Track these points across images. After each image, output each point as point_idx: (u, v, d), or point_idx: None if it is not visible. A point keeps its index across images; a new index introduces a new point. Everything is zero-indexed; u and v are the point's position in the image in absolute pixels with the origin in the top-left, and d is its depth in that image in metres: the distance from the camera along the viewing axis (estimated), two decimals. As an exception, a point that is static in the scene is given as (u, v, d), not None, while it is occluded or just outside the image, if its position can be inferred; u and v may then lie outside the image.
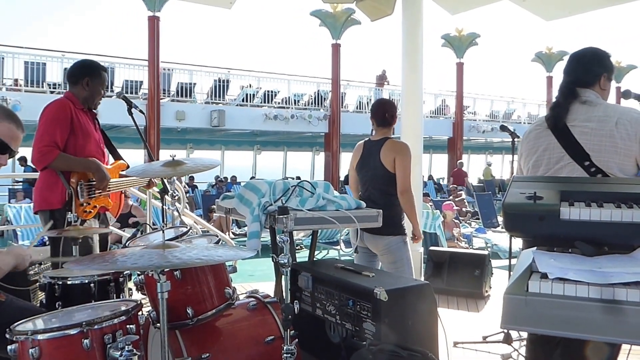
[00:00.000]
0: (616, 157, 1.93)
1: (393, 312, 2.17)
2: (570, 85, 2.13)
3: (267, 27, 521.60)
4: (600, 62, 2.18)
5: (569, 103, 2.08)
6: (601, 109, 2.03)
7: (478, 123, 22.68)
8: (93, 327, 1.75)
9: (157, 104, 15.24)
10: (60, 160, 2.93)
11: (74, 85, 3.15)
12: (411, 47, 5.38)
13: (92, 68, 3.21)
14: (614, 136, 1.94)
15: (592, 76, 2.15)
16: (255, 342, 2.26)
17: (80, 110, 3.12)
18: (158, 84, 15.34)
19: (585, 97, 2.09)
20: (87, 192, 2.98)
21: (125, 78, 15.70)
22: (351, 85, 20.52)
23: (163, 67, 15.97)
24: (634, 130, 1.93)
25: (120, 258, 1.87)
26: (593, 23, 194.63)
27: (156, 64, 15.27)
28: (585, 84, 2.12)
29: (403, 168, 3.30)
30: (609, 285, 1.26)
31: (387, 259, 3.35)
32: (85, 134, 3.06)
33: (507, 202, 1.66)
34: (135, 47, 20.13)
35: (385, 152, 3.35)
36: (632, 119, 1.96)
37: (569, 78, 2.16)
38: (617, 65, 24.78)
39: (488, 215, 11.22)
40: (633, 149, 1.93)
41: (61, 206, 2.93)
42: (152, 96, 15.20)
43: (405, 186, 3.30)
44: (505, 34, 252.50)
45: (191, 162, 2.34)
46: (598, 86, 2.14)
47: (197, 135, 20.46)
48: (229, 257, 1.99)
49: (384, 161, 3.34)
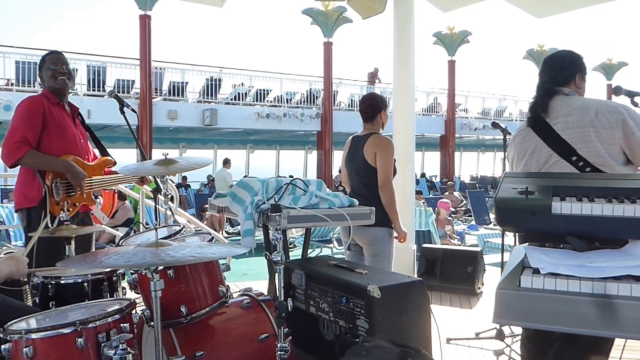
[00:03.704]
0: (601, 145, 1.96)
1: (386, 309, 2.17)
2: (547, 85, 2.16)
3: (258, 25, 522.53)
4: (573, 62, 2.23)
5: (548, 99, 2.11)
6: (579, 101, 2.07)
7: (470, 121, 22.76)
8: (87, 326, 1.75)
9: (149, 103, 15.17)
10: (29, 158, 2.88)
11: (42, 82, 3.15)
12: (403, 45, 5.38)
13: (40, 60, 3.17)
14: (595, 125, 1.97)
15: (568, 74, 2.19)
16: (249, 340, 2.27)
17: (57, 106, 3.06)
18: (150, 83, 15.26)
19: (564, 91, 2.12)
20: (64, 191, 2.94)
21: (117, 77, 15.60)
22: (343, 83, 20.51)
23: (155, 66, 15.88)
24: (614, 118, 1.97)
25: (113, 256, 1.87)
26: (584, 20, 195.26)
27: (148, 63, 15.19)
28: (561, 82, 2.17)
29: (383, 162, 3.33)
30: (601, 279, 1.27)
31: (371, 250, 3.36)
32: (60, 130, 3.01)
33: (499, 197, 1.67)
34: (127, 46, 20.05)
35: (367, 147, 3.39)
36: (611, 108, 2.00)
37: (545, 78, 2.20)
38: (608, 62, 24.95)
39: (480, 212, 11.28)
40: (616, 137, 1.96)
41: (37, 204, 2.90)
42: (144, 95, 15.13)
43: (385, 180, 3.32)
44: (496, 32, 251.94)
45: (184, 161, 2.34)
46: (573, 84, 2.19)
47: (189, 135, 20.40)
48: (222, 254, 1.99)
49: (366, 156, 3.38)
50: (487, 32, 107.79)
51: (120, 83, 15.31)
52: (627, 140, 1.96)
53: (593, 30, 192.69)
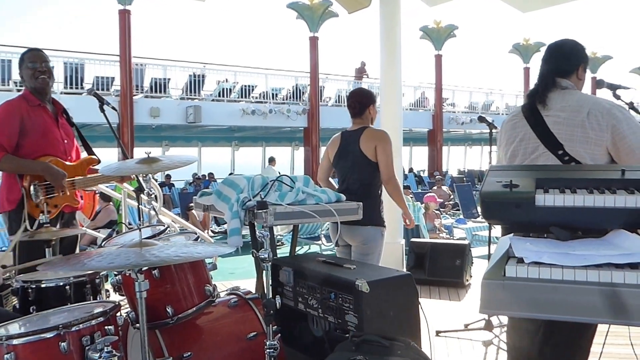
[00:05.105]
0: (587, 146, 1.97)
1: (375, 304, 2.17)
2: (551, 74, 2.16)
3: (243, 20, 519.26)
4: (578, 52, 2.23)
5: (548, 91, 2.11)
6: (575, 98, 2.07)
7: (457, 115, 22.85)
8: (70, 330, 1.73)
9: (130, 101, 14.82)
10: (5, 163, 2.85)
11: (23, 81, 3.09)
12: (389, 40, 5.38)
13: (19, 58, 3.11)
14: (585, 127, 1.98)
15: (572, 65, 2.19)
16: (237, 339, 2.25)
17: (37, 108, 3.01)
18: (130, 79, 14.90)
19: (563, 84, 2.13)
20: (44, 192, 2.90)
21: (95, 74, 15.23)
22: (330, 78, 20.30)
23: (135, 62, 15.51)
24: (605, 121, 1.97)
25: (96, 258, 1.85)
26: (569, 14, 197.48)
27: (128, 59, 14.85)
28: (564, 73, 2.16)
29: (385, 155, 3.25)
30: (583, 267, 1.28)
31: (361, 249, 3.28)
32: (41, 133, 2.97)
33: (484, 190, 1.67)
34: (106, 41, 19.74)
35: (365, 141, 3.29)
36: (604, 109, 2.00)
37: (549, 66, 2.19)
38: (593, 56, 25.16)
39: (468, 206, 11.37)
40: (604, 139, 1.97)
41: (16, 207, 2.87)
42: (125, 93, 14.78)
43: (390, 174, 3.26)
44: (483, 26, 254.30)
45: (167, 159, 2.32)
46: (575, 76, 2.19)
47: (172, 132, 19.99)
48: (209, 253, 1.97)
49: (364, 150, 3.28)
50: (473, 26, 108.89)
51: (100, 80, 14.96)
52: (614, 144, 1.97)
53: (579, 24, 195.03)
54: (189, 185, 16.36)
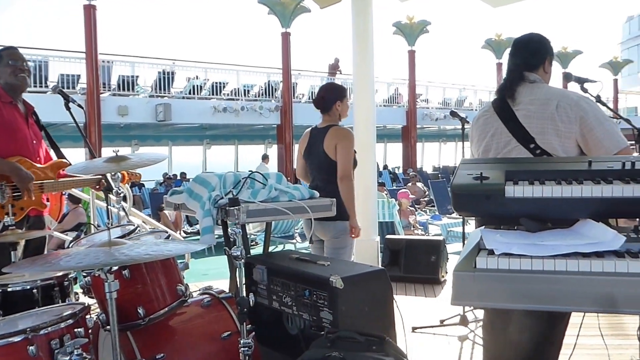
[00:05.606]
0: (558, 139, 2.01)
1: (349, 299, 2.17)
2: (518, 68, 2.20)
3: (213, 15, 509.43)
4: (545, 46, 2.27)
5: (516, 85, 2.14)
6: (543, 91, 2.10)
7: (431, 111, 22.92)
8: (38, 333, 1.69)
9: (97, 99, 14.42)
10: None
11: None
12: (362, 35, 5.35)
13: None
14: (554, 119, 2.01)
15: (539, 59, 2.23)
16: (211, 339, 2.23)
17: (8, 105, 2.93)
18: (97, 77, 14.50)
19: (531, 78, 2.16)
20: (10, 194, 2.81)
21: (60, 72, 14.75)
22: (303, 75, 20.05)
23: (102, 59, 15.08)
24: (574, 113, 2.01)
25: (64, 258, 1.80)
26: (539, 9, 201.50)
27: (94, 56, 14.44)
28: (531, 67, 2.20)
29: (343, 154, 3.28)
30: (551, 257, 1.30)
31: (333, 244, 3.32)
32: (10, 131, 2.89)
33: (455, 183, 1.69)
34: (71, 38, 19.14)
35: (328, 140, 3.32)
36: (572, 101, 2.04)
37: (516, 61, 2.23)
38: (564, 51, 25.67)
39: (443, 202, 11.49)
40: (573, 131, 2.01)
41: None
42: (91, 90, 14.37)
43: (345, 172, 3.27)
44: (455, 22, 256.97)
45: (136, 157, 2.27)
46: (542, 69, 2.23)
47: (141, 131, 19.46)
48: (180, 250, 1.95)
49: (326, 149, 3.32)
50: (446, 21, 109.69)
51: (65, 78, 14.50)
52: (583, 136, 2.01)
53: (549, 19, 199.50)
54: (160, 185, 15.98)
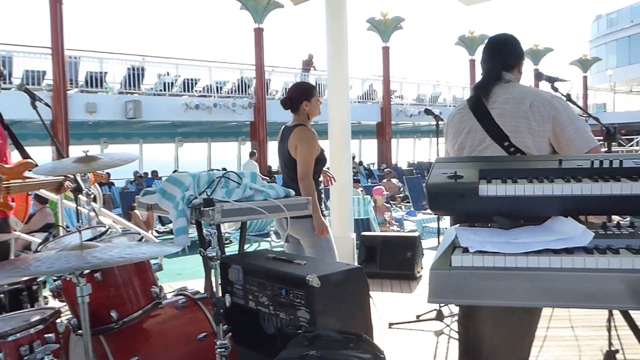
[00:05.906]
0: (531, 137, 2.04)
1: (326, 298, 2.18)
2: (497, 67, 2.22)
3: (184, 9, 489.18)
4: (520, 47, 2.31)
5: (493, 84, 2.17)
6: (517, 90, 2.13)
7: (405, 107, 23.09)
8: (6, 340, 1.65)
9: (63, 96, 14.06)
10: None
11: None
12: (336, 31, 5.34)
13: None
14: (528, 118, 2.04)
15: (516, 59, 2.26)
16: (186, 341, 2.20)
17: None
18: (64, 73, 14.13)
19: (507, 78, 2.19)
20: None
21: (25, 68, 14.30)
22: (276, 71, 19.88)
23: (69, 54, 14.68)
24: (547, 112, 2.04)
25: (33, 263, 1.75)
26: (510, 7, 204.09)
27: (61, 51, 14.08)
28: (509, 67, 2.23)
29: (302, 155, 3.31)
30: (523, 254, 1.33)
31: (307, 242, 3.34)
32: None
33: (429, 182, 1.71)
34: (36, 33, 18.67)
35: (291, 140, 3.36)
36: (545, 101, 2.07)
37: (495, 60, 2.25)
38: (535, 48, 26.12)
39: (418, 198, 11.59)
40: (546, 130, 2.04)
41: None
42: (58, 87, 14.00)
43: (304, 173, 3.30)
44: (429, 18, 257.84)
45: (107, 157, 2.21)
46: (517, 69, 2.26)
47: (111, 129, 19.07)
48: (153, 253, 1.91)
49: (290, 149, 3.36)
50: (419, 18, 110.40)
51: (30, 74, 14.08)
52: (555, 135, 2.04)
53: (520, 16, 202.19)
54: (131, 184, 15.69)
